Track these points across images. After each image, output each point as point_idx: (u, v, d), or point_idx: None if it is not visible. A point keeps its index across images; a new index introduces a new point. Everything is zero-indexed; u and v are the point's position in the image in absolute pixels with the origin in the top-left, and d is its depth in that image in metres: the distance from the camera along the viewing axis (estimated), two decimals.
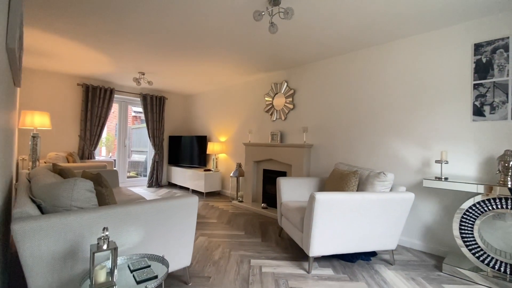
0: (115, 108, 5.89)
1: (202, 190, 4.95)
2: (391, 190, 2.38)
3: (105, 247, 1.22)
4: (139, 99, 5.77)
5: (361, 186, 2.43)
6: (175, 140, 6.12)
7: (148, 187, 5.87)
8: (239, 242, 2.74)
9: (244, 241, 2.77)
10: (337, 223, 2.07)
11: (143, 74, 4.51)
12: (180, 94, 6.38)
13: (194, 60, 3.77)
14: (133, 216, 1.54)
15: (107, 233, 1.23)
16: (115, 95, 5.45)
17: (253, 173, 4.36)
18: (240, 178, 4.83)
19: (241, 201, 4.36)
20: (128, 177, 7.36)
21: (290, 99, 3.94)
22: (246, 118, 4.80)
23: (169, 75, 4.64)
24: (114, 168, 5.76)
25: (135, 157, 9.60)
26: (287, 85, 4.01)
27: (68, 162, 4.26)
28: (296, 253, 2.50)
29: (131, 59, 3.82)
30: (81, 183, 1.45)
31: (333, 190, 2.56)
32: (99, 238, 1.22)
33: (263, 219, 3.60)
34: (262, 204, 3.94)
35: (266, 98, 4.32)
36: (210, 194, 5.17)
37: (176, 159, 6.07)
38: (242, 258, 2.35)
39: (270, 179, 4.16)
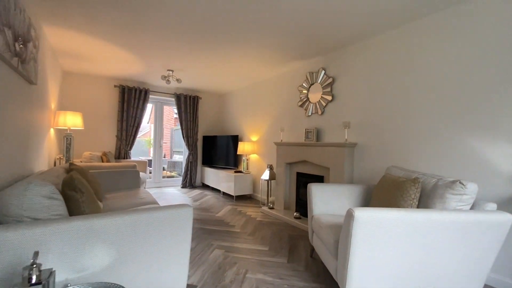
0: (152, 108, 5.97)
1: (232, 193, 4.61)
2: (472, 207, 1.63)
3: (34, 279, 0.88)
4: (173, 99, 5.74)
5: (424, 200, 1.73)
6: (208, 140, 5.94)
7: (182, 187, 5.78)
8: (260, 261, 2.26)
9: (266, 260, 2.28)
10: (387, 253, 1.44)
11: (172, 72, 4.37)
12: (213, 93, 6.19)
13: (223, 52, 3.44)
14: (100, 231, 1.19)
15: (37, 261, 0.88)
16: (150, 96, 5.49)
17: (285, 177, 3.83)
18: (272, 181, 4.34)
19: (272, 208, 3.87)
20: (167, 176, 7.51)
21: (328, 90, 3.31)
22: (278, 114, 4.29)
23: (198, 72, 4.42)
24: (150, 168, 5.83)
25: (176, 158, 9.90)
26: (324, 73, 3.39)
27: (103, 161, 4.34)
28: (330, 284, 1.91)
29: (158, 56, 3.67)
30: (35, 188, 1.16)
31: (382, 204, 1.89)
32: (25, 268, 0.88)
33: (293, 231, 3.05)
34: (295, 214, 3.39)
35: (300, 90, 3.76)
36: (241, 198, 4.79)
37: (209, 160, 5.88)
38: (259, 284, 1.87)
39: (304, 184, 3.58)
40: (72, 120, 3.62)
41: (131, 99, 5.13)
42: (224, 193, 5.12)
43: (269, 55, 3.51)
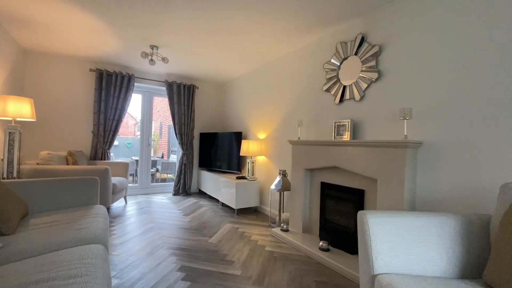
0: (138, 99, 5.01)
1: (233, 206, 3.59)
2: None
3: None
4: (165, 88, 4.76)
5: None
6: (206, 138, 4.94)
7: (174, 195, 4.80)
8: None
9: None
10: None
11: (156, 48, 3.38)
12: (212, 81, 5.18)
13: (224, 22, 2.43)
14: None
15: None
16: (137, 84, 4.53)
17: (303, 187, 2.80)
18: (285, 193, 3.31)
19: (286, 230, 2.83)
20: (161, 180, 6.56)
21: (372, 64, 2.26)
22: (293, 104, 3.26)
23: (192, 51, 3.42)
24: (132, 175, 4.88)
25: (173, 158, 8.94)
26: (365, 41, 2.35)
27: (68, 163, 3.38)
28: None
29: (136, 24, 2.70)
30: None
31: None
32: None
33: (321, 274, 2.02)
34: (321, 243, 2.35)
35: (327, 69, 2.72)
36: (244, 212, 3.77)
37: (207, 161, 4.88)
38: None
39: (333, 199, 2.54)
40: (16, 108, 2.65)
41: (110, 87, 4.16)
42: (223, 204, 4.11)
43: (284, 23, 2.50)
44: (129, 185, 4.77)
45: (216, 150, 4.68)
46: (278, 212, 3.16)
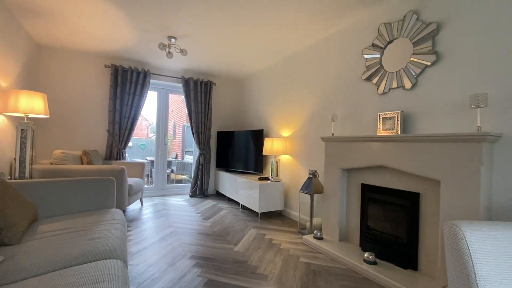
0: (153, 97, 4.83)
1: (256, 209, 3.30)
2: None
3: None
4: (181, 85, 4.54)
5: None
6: (224, 137, 4.68)
7: (191, 196, 4.57)
8: None
9: None
10: None
11: (174, 40, 3.15)
12: (230, 77, 4.93)
13: (246, 6, 2.17)
14: None
15: None
16: (153, 80, 4.34)
17: (340, 190, 2.47)
18: (317, 195, 3.00)
19: (320, 238, 2.51)
20: (176, 181, 6.37)
21: (427, 46, 1.92)
22: (325, 97, 2.94)
23: (212, 41, 3.17)
24: (146, 178, 4.69)
25: (188, 159, 8.75)
26: (417, 19, 2.01)
27: (82, 162, 3.20)
28: None
29: (154, 13, 2.48)
30: None
31: None
32: None
33: None
34: (367, 255, 2.02)
35: (368, 55, 2.39)
36: (268, 216, 3.48)
37: (225, 162, 4.62)
38: None
39: (377, 203, 2.20)
40: (28, 104, 2.48)
41: (126, 83, 3.98)
42: (244, 207, 3.83)
43: (313, 7, 2.19)
44: (145, 186, 4.58)
45: (235, 149, 4.42)
46: (308, 217, 2.84)
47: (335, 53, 2.81)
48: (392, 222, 2.08)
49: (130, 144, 9.72)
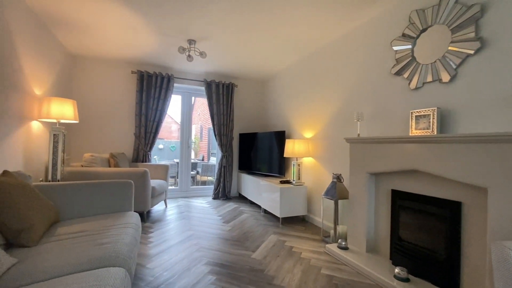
0: (176, 100, 4.93)
1: (277, 214, 3.18)
2: None
3: None
4: (203, 87, 4.58)
5: None
6: (246, 139, 4.63)
7: (214, 199, 4.58)
8: None
9: None
10: None
11: (194, 43, 3.16)
12: (252, 78, 4.87)
13: (266, 4, 2.08)
14: None
15: None
16: (176, 84, 4.43)
17: (367, 196, 2.25)
18: (342, 201, 2.79)
19: (345, 248, 2.31)
20: (201, 182, 6.47)
21: (469, 32, 1.66)
22: (349, 95, 2.73)
23: (232, 42, 3.13)
24: (170, 179, 4.78)
25: (213, 160, 8.86)
26: (455, 2, 1.75)
27: (110, 165, 3.35)
28: None
29: (173, 17, 2.52)
30: None
31: None
32: None
33: None
34: (398, 270, 1.79)
35: (398, 46, 2.16)
36: (290, 221, 3.33)
37: (248, 164, 4.56)
38: None
39: (410, 212, 1.96)
40: (59, 110, 2.64)
41: (151, 88, 4.11)
42: (265, 211, 3.72)
43: None
44: (169, 187, 4.69)
45: (257, 151, 4.34)
46: (333, 223, 2.65)
47: (360, 47, 2.60)
48: (428, 234, 1.83)
49: (160, 146, 10.18)
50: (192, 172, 6.69)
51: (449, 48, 1.77)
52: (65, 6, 2.39)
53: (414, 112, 1.93)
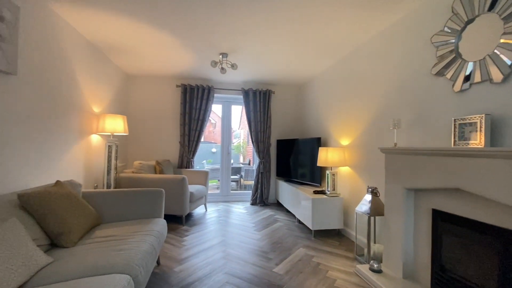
0: (217, 109, 5.19)
1: (309, 226, 3.05)
2: None
3: None
4: (242, 96, 4.72)
5: None
6: (284, 145, 4.58)
7: (251, 204, 4.65)
8: None
9: None
10: None
11: (225, 56, 3.30)
12: (289, 83, 4.80)
13: (293, 13, 2.06)
14: None
15: None
16: (216, 94, 4.67)
17: (404, 214, 1.98)
18: (376, 218, 2.51)
19: (378, 271, 2.08)
20: (244, 186, 6.63)
21: None
22: (387, 99, 2.45)
23: (264, 51, 3.15)
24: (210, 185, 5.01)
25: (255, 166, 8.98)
26: None
27: (156, 171, 3.72)
28: None
29: (204, 35, 2.71)
30: None
31: None
32: None
33: None
34: None
35: (439, 42, 1.86)
36: (323, 234, 3.14)
37: (285, 171, 4.50)
38: None
39: (455, 237, 1.65)
40: (112, 125, 3.07)
41: (193, 100, 4.44)
42: (300, 221, 3.60)
43: None
44: (211, 192, 4.96)
45: (294, 158, 4.24)
46: (367, 239, 2.41)
47: (397, 46, 2.31)
48: (478, 267, 1.50)
49: (214, 150, 10.82)
50: (235, 176, 6.93)
51: (501, 40, 1.44)
52: (118, 36, 2.78)
53: (457, 119, 1.62)
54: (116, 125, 3.10)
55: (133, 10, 2.26)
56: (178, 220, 3.48)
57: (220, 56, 3.29)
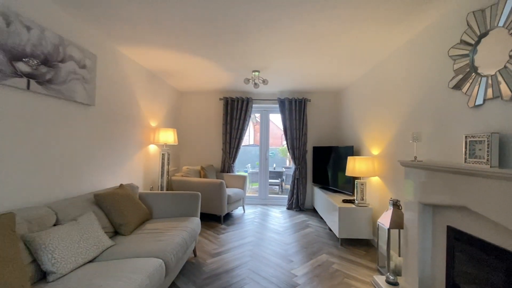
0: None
1: (336, 233, 3.12)
2: None
3: None
4: (277, 105, 4.98)
5: None
6: (319, 152, 4.66)
7: (287, 209, 4.85)
8: None
9: None
10: None
11: (258, 73, 3.62)
12: (325, 91, 4.85)
13: (319, 30, 2.28)
14: None
15: None
16: (255, 105, 5.04)
17: (421, 229, 1.97)
18: (395, 230, 2.47)
19: (394, 283, 2.09)
20: (286, 190, 6.83)
21: None
22: (409, 111, 2.41)
23: (295, 66, 3.37)
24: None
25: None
26: None
27: (200, 175, 4.27)
28: None
29: (237, 59, 3.14)
30: None
31: None
32: None
33: None
34: None
35: (456, 55, 1.82)
36: (351, 243, 3.16)
37: (319, 177, 4.58)
38: None
39: (468, 256, 1.61)
40: (164, 137, 3.70)
41: (234, 111, 4.89)
42: (330, 228, 3.66)
43: (388, 3, 1.91)
44: (252, 194, 5.34)
45: (327, 165, 4.30)
46: (387, 253, 2.40)
47: (420, 57, 2.27)
48: (488, 286, 1.46)
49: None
50: (277, 180, 7.18)
51: (511, 54, 1.39)
52: (169, 64, 3.37)
53: (468, 136, 1.59)
54: (168, 137, 3.71)
55: (179, 46, 2.77)
56: (217, 219, 3.93)
57: (253, 74, 3.62)
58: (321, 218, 4.25)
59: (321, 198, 4.08)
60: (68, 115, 2.16)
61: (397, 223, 2.28)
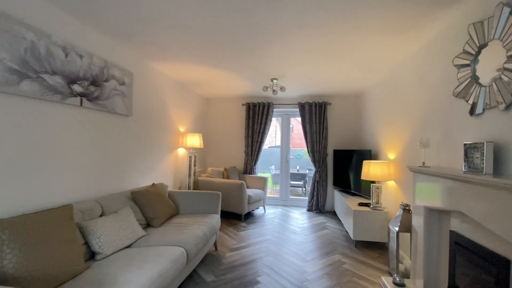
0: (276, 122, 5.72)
1: (351, 236, 3.21)
2: None
3: None
4: (298, 109, 5.13)
5: None
6: (339, 155, 4.72)
7: (308, 210, 4.97)
8: None
9: None
10: None
11: (276, 80, 3.83)
12: (346, 94, 4.89)
13: (332, 41, 2.46)
14: None
15: None
16: (275, 109, 5.25)
17: (426, 232, 2.03)
18: (404, 234, 2.50)
19: (400, 285, 2.16)
20: (307, 192, 6.91)
21: None
22: (420, 117, 2.45)
23: (311, 72, 3.53)
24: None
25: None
26: (510, 13, 1.42)
27: (223, 176, 4.59)
28: None
29: (257, 69, 3.39)
30: None
31: None
32: None
33: None
34: None
35: (459, 65, 1.87)
36: (367, 245, 3.22)
37: (339, 180, 4.64)
38: None
39: (468, 261, 1.66)
40: (191, 141, 4.08)
41: (255, 115, 5.15)
42: (347, 232, 3.73)
43: (395, 11, 2.03)
44: (274, 195, 5.54)
45: (346, 169, 4.35)
46: (395, 255, 2.46)
47: (430, 65, 2.31)
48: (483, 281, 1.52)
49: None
50: (299, 182, 7.29)
51: (505, 65, 1.44)
52: (196, 75, 3.73)
53: (466, 144, 1.65)
54: (194, 141, 4.09)
55: (203, 62, 3.11)
56: (239, 217, 4.21)
57: (272, 81, 3.84)
58: (340, 221, 4.32)
59: (339, 201, 4.15)
60: (111, 125, 2.58)
61: (406, 226, 2.34)
